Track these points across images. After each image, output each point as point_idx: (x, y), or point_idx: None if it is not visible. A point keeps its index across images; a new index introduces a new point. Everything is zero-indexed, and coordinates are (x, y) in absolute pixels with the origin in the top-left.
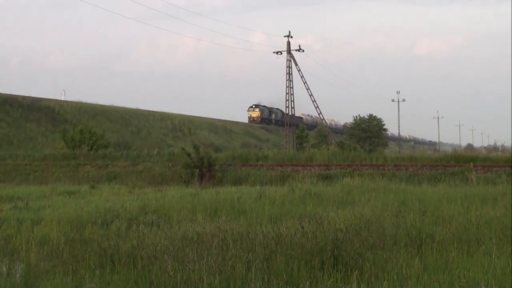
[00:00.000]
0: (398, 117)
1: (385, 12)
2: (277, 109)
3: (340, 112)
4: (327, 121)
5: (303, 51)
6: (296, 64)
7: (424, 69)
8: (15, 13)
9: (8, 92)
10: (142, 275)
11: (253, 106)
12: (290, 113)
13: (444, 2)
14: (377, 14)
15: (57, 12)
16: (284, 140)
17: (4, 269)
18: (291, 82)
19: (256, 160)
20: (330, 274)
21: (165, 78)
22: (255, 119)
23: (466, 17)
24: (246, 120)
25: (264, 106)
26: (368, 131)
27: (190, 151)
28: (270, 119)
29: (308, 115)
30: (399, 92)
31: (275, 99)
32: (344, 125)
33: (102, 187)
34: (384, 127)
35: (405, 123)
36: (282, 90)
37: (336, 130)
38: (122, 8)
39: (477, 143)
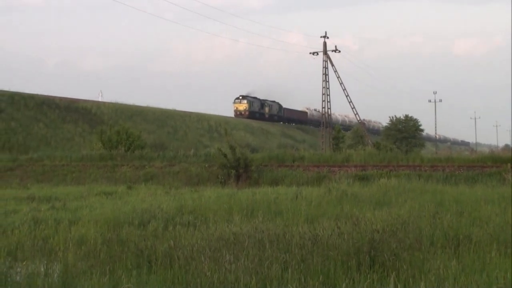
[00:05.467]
0: (435, 118)
1: (422, 12)
2: (272, 101)
3: (375, 112)
4: (339, 117)
5: (339, 51)
6: (332, 65)
7: (462, 69)
8: (53, 15)
9: (45, 94)
10: (179, 275)
11: (240, 98)
12: (326, 113)
13: (483, 1)
14: (414, 14)
15: (95, 13)
16: (320, 141)
17: (42, 269)
18: (327, 83)
19: (292, 160)
20: (367, 275)
21: (201, 79)
22: (242, 112)
23: (505, 17)
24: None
25: (255, 98)
26: (405, 131)
27: (227, 152)
28: (262, 113)
29: (315, 109)
30: (435, 92)
31: (312, 99)
32: (362, 123)
33: (138, 188)
34: (421, 127)
35: (439, 123)
36: (319, 90)
37: (350, 128)
38: (159, 9)
39: None
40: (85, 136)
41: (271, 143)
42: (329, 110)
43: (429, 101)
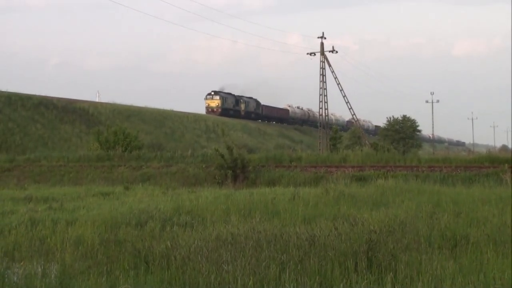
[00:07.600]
0: (432, 119)
1: (422, 13)
2: (249, 97)
3: (375, 113)
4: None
5: (337, 52)
6: (329, 65)
7: (461, 70)
8: (53, 16)
9: (43, 94)
10: (176, 276)
11: (212, 93)
12: (323, 114)
13: (483, 2)
14: (414, 15)
15: (94, 13)
16: (317, 141)
17: (39, 269)
18: (324, 83)
19: (289, 161)
20: (364, 275)
21: (199, 80)
22: (214, 109)
23: (505, 17)
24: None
25: (228, 94)
26: (402, 132)
27: (224, 153)
28: (237, 110)
29: (297, 107)
30: (433, 93)
31: (310, 100)
32: (349, 121)
33: (136, 188)
34: (418, 128)
35: (436, 123)
36: (317, 90)
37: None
38: (158, 10)
39: None
40: (82, 136)
41: (268, 144)
42: (326, 110)
43: (426, 101)
